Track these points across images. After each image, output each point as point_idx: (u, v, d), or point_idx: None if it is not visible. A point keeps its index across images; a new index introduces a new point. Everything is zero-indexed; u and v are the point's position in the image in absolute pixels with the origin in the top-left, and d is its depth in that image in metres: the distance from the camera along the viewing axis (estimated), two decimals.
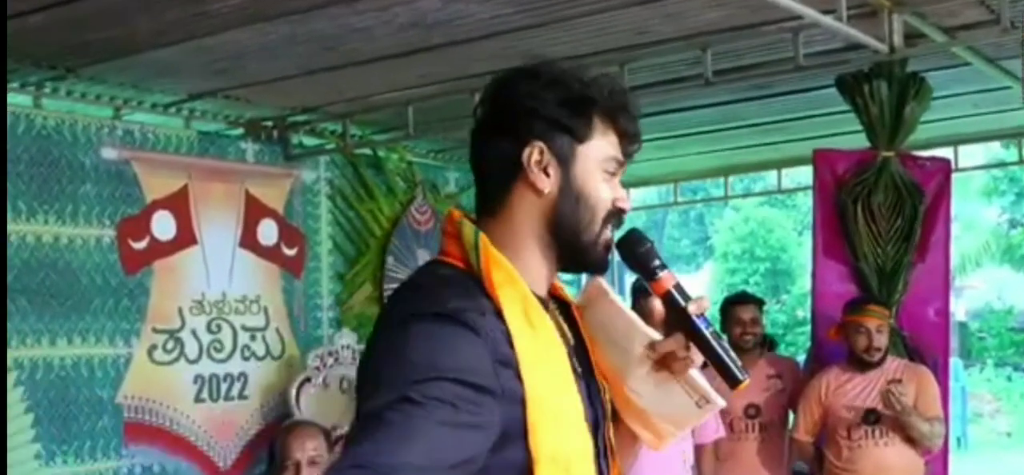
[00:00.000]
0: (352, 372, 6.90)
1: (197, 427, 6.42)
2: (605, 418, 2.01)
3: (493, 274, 1.86)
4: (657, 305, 1.97)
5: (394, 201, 7.58)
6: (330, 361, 6.90)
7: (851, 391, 5.66)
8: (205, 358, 6.49)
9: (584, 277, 2.19)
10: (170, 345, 6.34)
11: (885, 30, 5.11)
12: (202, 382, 6.48)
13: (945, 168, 6.26)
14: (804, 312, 22.10)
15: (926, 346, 5.99)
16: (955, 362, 17.80)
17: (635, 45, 5.50)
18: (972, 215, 25.95)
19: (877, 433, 5.60)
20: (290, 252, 6.97)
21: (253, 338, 6.75)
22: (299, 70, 5.77)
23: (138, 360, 6.19)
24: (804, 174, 9.05)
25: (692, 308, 1.93)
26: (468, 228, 1.92)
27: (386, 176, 7.55)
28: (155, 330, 6.28)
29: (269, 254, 6.85)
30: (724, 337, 1.99)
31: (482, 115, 1.99)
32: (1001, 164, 20.72)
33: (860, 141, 6.15)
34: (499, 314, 1.82)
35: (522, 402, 1.79)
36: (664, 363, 1.97)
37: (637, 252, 1.98)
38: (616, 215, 1.95)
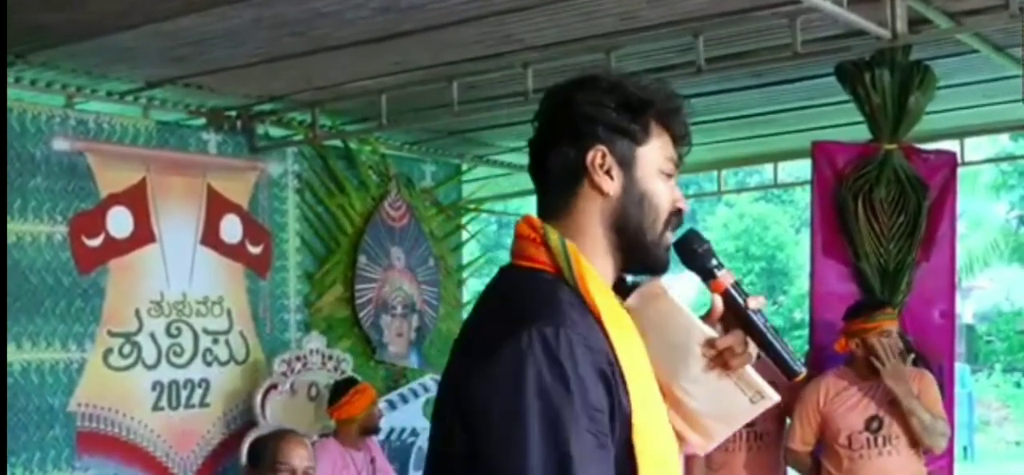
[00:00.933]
0: (321, 378, 6.90)
1: (155, 437, 6.41)
2: None
3: (589, 284, 2.00)
4: (718, 303, 2.12)
5: (366, 196, 7.57)
6: (298, 366, 6.89)
7: (850, 398, 5.67)
8: (164, 363, 6.48)
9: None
10: (127, 349, 6.32)
11: (888, 15, 5.12)
12: (161, 389, 6.46)
13: (951, 161, 6.27)
14: (802, 314, 22.20)
15: (931, 350, 6.00)
16: (961, 367, 17.88)
17: (623, 31, 5.51)
18: (979, 211, 26.04)
19: (879, 441, 5.61)
20: (255, 250, 6.96)
21: (215, 342, 6.73)
22: (265, 56, 5.75)
23: (92, 365, 6.17)
24: (802, 168, 9.07)
25: (751, 304, 2.10)
26: (554, 234, 2.05)
27: (358, 169, 7.54)
28: (110, 333, 6.26)
29: (233, 252, 6.84)
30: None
31: (542, 124, 2.16)
32: (1010, 157, 20.89)
33: (861, 133, 6.16)
34: (601, 324, 1.97)
35: (629, 409, 1.94)
36: (720, 360, 2.11)
37: (696, 252, 2.14)
38: (677, 216, 2.12)
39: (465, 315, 8.55)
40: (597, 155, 2.06)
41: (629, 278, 2.19)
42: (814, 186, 6.19)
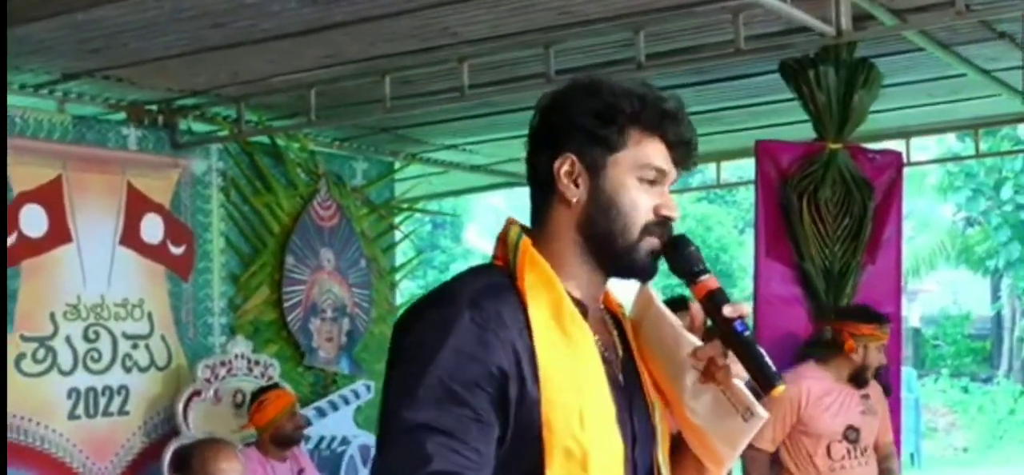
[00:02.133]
0: (247, 384, 6.86)
1: (72, 446, 6.34)
2: (652, 438, 2.22)
3: (527, 274, 2.10)
4: (697, 309, 2.17)
5: (294, 195, 7.54)
6: (222, 373, 6.85)
7: (832, 403, 5.65)
8: (81, 369, 6.41)
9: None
10: (41, 354, 6.25)
11: (832, 12, 5.17)
12: (77, 396, 6.39)
13: (896, 161, 6.36)
14: None
15: None
16: (908, 372, 18.09)
17: (561, 25, 5.52)
18: (926, 213, 26.41)
19: (857, 451, 5.66)
20: (177, 251, 6.91)
21: (135, 347, 6.67)
22: (187, 48, 5.71)
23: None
24: (745, 167, 9.13)
25: (727, 311, 2.12)
26: (514, 230, 2.17)
27: (285, 167, 7.51)
28: (23, 338, 6.19)
29: (154, 253, 6.78)
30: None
31: (529, 133, 2.23)
32: (956, 158, 21.18)
33: (806, 132, 6.22)
34: (526, 316, 2.06)
35: (538, 397, 2.02)
36: (709, 373, 2.16)
37: (682, 255, 2.17)
38: (660, 223, 2.16)
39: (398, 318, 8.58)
40: (565, 163, 2.14)
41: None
42: (758, 186, 6.23)
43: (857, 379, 5.66)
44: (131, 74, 6.19)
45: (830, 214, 6.07)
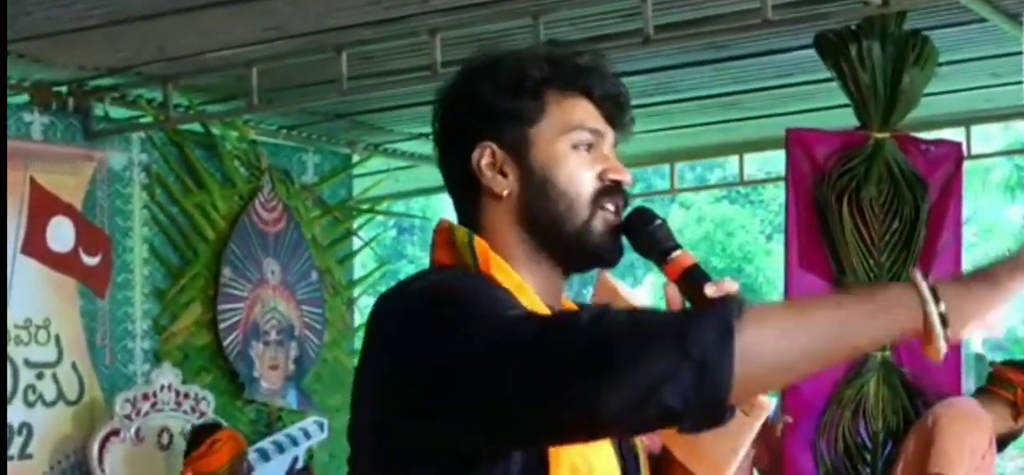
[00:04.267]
0: (174, 422, 6.86)
1: None
2: (636, 463, 2.22)
3: (494, 274, 2.09)
4: (673, 293, 2.13)
5: (232, 193, 7.55)
6: (145, 407, 6.85)
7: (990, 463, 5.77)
8: None
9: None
10: None
11: None
12: None
13: (955, 154, 6.37)
14: None
15: (932, 386, 6.08)
16: None
17: None
18: (990, 215, 26.44)
19: None
20: (91, 261, 6.90)
21: (40, 377, 6.67)
22: (104, 18, 5.72)
23: None
24: (774, 161, 9.15)
25: (710, 290, 2.07)
26: (461, 231, 2.16)
27: (222, 160, 7.51)
28: None
29: (62, 264, 6.78)
30: None
31: (434, 134, 2.24)
32: None
33: (846, 119, 6.24)
34: None
35: None
36: None
37: (645, 231, 2.16)
38: (610, 190, 2.15)
39: (357, 342, 8.56)
40: (484, 153, 2.15)
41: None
42: (789, 184, 6.25)
43: (1003, 444, 5.77)
44: (35, 49, 6.20)
45: (875, 217, 6.08)
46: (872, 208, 6.06)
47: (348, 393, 2.14)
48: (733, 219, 26.44)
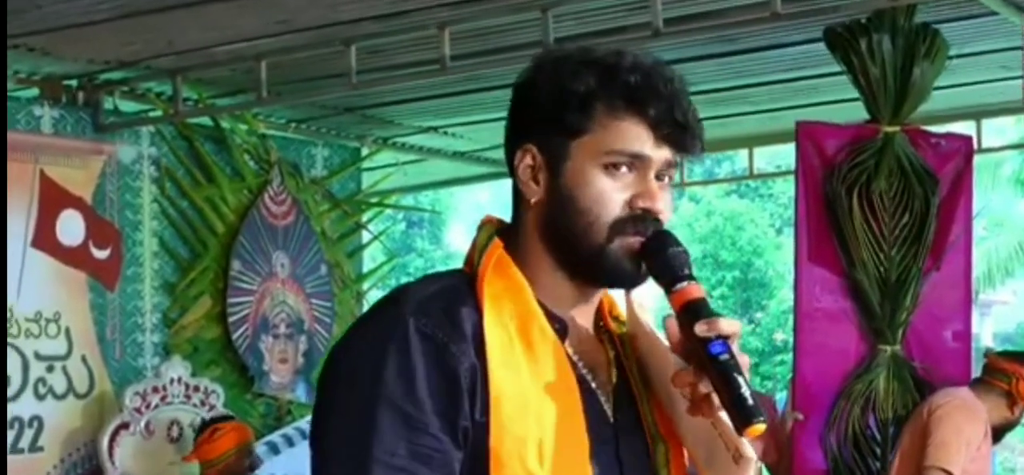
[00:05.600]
0: (184, 415, 6.87)
1: None
2: None
3: (487, 280, 2.10)
4: (672, 326, 2.10)
5: (242, 187, 7.55)
6: (155, 400, 6.86)
7: (986, 454, 5.77)
8: None
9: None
10: None
11: None
12: None
13: (965, 148, 6.37)
14: (785, 335, 22.35)
15: (941, 379, 6.09)
16: None
17: None
18: (1001, 209, 26.38)
19: None
20: (101, 255, 6.91)
21: (50, 370, 6.68)
22: (114, 12, 5.72)
23: None
24: (784, 154, 9.15)
25: (699, 329, 2.03)
26: (483, 232, 2.19)
27: (231, 154, 7.52)
28: None
29: (72, 257, 6.79)
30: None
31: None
32: None
33: (856, 112, 6.23)
34: (481, 328, 2.05)
35: (485, 421, 2.01)
36: (696, 405, 2.09)
37: (662, 256, 2.11)
38: (636, 219, 2.10)
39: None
40: (526, 156, 2.15)
41: None
42: (798, 177, 6.24)
43: (999, 434, 5.77)
44: (46, 42, 6.20)
45: (885, 211, 6.08)
46: (882, 202, 6.06)
47: None
48: (742, 213, 26.43)
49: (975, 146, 6.74)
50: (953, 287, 6.25)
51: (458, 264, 2.22)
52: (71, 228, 6.80)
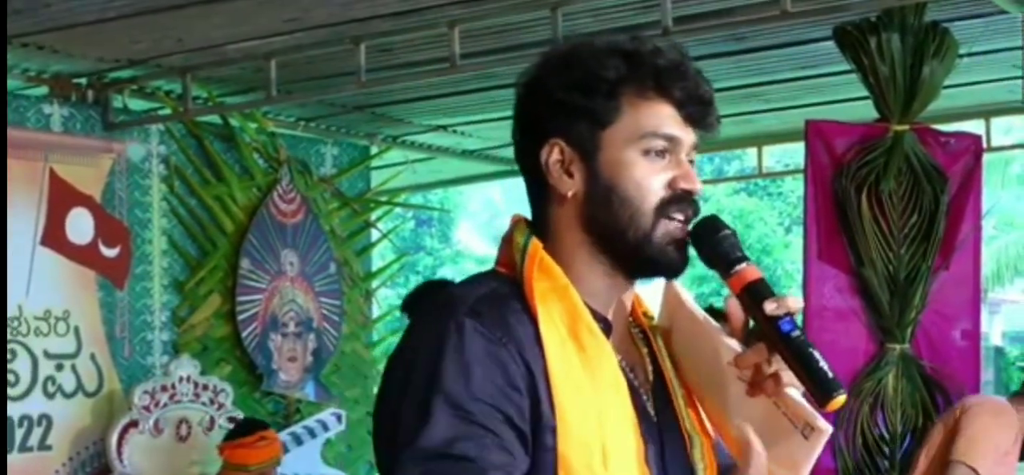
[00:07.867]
0: (193, 413, 6.87)
1: None
2: None
3: (535, 282, 2.07)
4: (735, 307, 2.13)
5: (251, 185, 7.55)
6: (164, 399, 6.86)
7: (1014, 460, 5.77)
8: None
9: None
10: None
11: None
12: None
13: (975, 147, 6.36)
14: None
15: (950, 378, 6.09)
16: None
17: None
18: (1010, 208, 26.37)
19: None
20: (110, 253, 6.92)
21: (59, 368, 6.69)
22: (124, 10, 5.72)
23: None
24: (793, 153, 9.13)
25: (770, 307, 2.06)
26: (521, 233, 2.15)
27: (240, 152, 7.52)
28: None
29: (81, 255, 6.79)
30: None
31: (513, 120, 2.23)
32: None
33: (865, 111, 6.23)
34: (536, 330, 2.04)
35: (554, 422, 2.00)
36: (757, 384, 2.10)
37: (713, 240, 2.13)
38: (679, 201, 2.12)
39: (375, 334, 8.58)
40: (553, 150, 2.12)
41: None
42: (808, 175, 6.24)
43: None
44: (56, 41, 6.21)
45: (895, 209, 6.07)
46: (891, 200, 6.06)
47: (366, 385, 2.16)
48: (751, 211, 26.45)
49: (984, 145, 6.73)
50: (962, 286, 6.24)
51: (467, 262, 2.22)
52: (80, 226, 6.81)
